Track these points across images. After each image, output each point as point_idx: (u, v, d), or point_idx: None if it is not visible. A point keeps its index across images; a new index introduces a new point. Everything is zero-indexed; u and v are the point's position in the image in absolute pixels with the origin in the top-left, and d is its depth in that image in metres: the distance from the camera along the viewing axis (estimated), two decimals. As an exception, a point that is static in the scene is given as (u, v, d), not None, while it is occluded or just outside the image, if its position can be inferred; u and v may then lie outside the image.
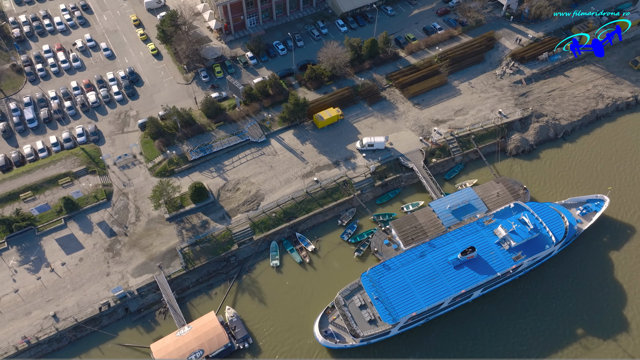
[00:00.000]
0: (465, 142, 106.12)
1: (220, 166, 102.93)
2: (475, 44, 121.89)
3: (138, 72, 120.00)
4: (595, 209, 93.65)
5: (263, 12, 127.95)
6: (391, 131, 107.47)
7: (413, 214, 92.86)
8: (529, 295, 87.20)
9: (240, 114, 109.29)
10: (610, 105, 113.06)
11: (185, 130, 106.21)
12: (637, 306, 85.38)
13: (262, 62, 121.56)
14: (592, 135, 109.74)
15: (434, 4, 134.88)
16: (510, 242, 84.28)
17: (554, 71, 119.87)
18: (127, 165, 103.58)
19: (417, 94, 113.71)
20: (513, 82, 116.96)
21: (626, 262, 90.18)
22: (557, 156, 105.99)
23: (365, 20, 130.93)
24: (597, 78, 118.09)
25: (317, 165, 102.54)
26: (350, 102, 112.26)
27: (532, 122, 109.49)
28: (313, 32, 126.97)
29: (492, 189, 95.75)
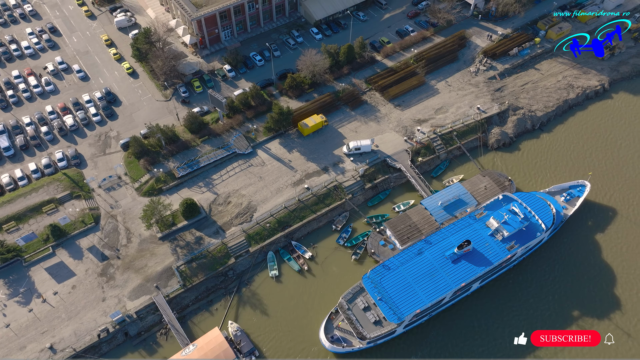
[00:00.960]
0: (448, 139, 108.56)
1: (209, 181, 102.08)
2: (448, 44, 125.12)
3: (115, 92, 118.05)
4: (578, 194, 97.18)
5: (237, 25, 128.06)
6: (376, 134, 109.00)
7: (406, 213, 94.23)
8: (524, 284, 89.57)
9: (224, 127, 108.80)
10: (580, 95, 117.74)
11: (170, 147, 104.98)
12: (624, 283, 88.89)
13: (241, 74, 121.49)
14: (566, 124, 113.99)
15: (404, 7, 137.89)
16: (503, 233, 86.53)
17: (525, 65, 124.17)
18: (112, 187, 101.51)
19: (397, 96, 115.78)
20: (488, 78, 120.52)
21: (611, 243, 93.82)
22: (536, 146, 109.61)
23: (339, 27, 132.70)
24: (565, 69, 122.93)
25: (307, 173, 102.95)
26: (332, 108, 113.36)
27: (510, 116, 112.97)
28: (289, 42, 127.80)
29: (479, 182, 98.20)
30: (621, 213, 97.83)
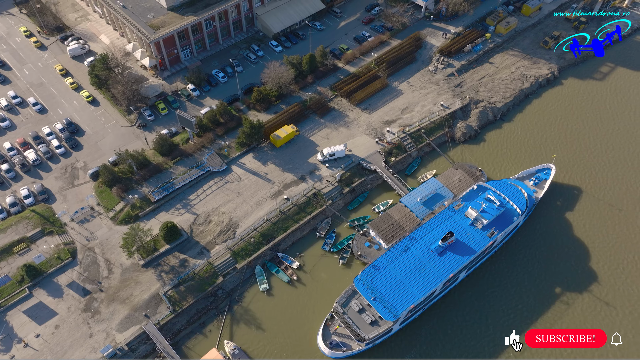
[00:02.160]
0: (417, 137, 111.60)
1: (186, 202, 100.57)
2: (405, 46, 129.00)
3: (76, 122, 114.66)
4: (545, 177, 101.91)
5: (196, 43, 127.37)
6: (347, 138, 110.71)
7: (387, 213, 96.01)
8: (506, 269, 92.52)
9: (195, 146, 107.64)
10: (534, 84, 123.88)
11: (142, 172, 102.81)
12: (597, 256, 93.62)
13: (205, 92, 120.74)
14: (525, 112, 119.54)
15: (358, 14, 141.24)
16: (482, 221, 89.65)
17: (479, 60, 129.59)
18: (86, 219, 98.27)
19: (363, 100, 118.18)
20: (446, 76, 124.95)
21: (581, 220, 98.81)
22: (500, 136, 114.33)
23: (298, 37, 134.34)
24: (517, 61, 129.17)
25: (284, 183, 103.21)
26: (302, 117, 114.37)
27: (472, 109, 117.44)
28: (250, 56, 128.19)
29: (452, 175, 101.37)
30: (586, 191, 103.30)
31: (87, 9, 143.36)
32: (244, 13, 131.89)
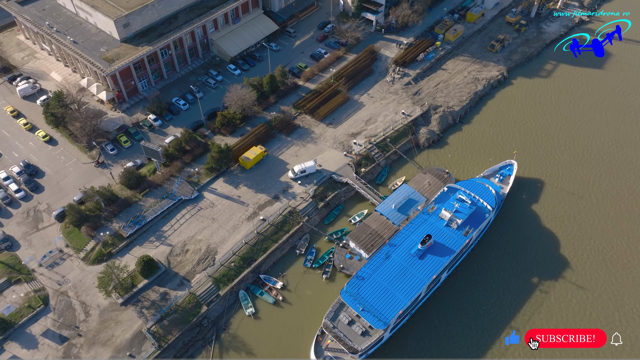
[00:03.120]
0: (384, 146, 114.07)
1: (160, 234, 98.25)
2: (361, 59, 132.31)
3: (34, 164, 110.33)
4: (508, 173, 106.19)
5: (153, 73, 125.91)
6: (316, 154, 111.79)
7: (364, 223, 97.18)
8: (484, 267, 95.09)
9: (163, 176, 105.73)
10: (486, 85, 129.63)
11: (111, 208, 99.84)
12: (566, 243, 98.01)
13: (167, 121, 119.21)
14: (481, 113, 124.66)
15: (312, 33, 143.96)
16: (457, 221, 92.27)
17: (433, 68, 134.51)
18: (55, 263, 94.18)
19: (327, 115, 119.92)
20: (404, 85, 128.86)
21: (547, 210, 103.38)
22: (461, 138, 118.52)
23: (255, 59, 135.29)
24: (468, 65, 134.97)
25: (259, 204, 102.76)
26: (268, 137, 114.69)
27: (432, 115, 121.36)
28: (209, 82, 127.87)
29: (422, 180, 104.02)
30: (547, 182, 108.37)
31: (33, 47, 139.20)
32: (199, 39, 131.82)
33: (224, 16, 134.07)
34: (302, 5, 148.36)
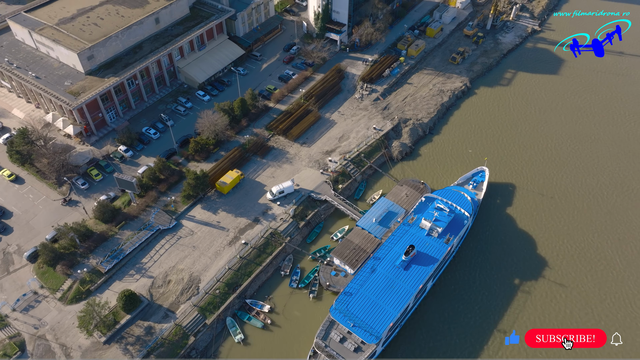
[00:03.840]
0: (359, 162, 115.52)
1: (140, 266, 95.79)
2: (329, 78, 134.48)
3: (1, 205, 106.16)
4: (481, 179, 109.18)
5: (121, 104, 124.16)
6: (293, 174, 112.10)
7: (346, 239, 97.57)
8: (468, 273, 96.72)
9: (139, 207, 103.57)
10: (452, 97, 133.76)
11: (87, 244, 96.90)
12: (542, 243, 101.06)
13: (138, 151, 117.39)
14: (449, 123, 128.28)
15: (278, 55, 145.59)
16: (437, 230, 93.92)
17: (399, 82, 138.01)
18: (30, 306, 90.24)
19: (300, 135, 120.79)
20: (372, 101, 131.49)
21: (522, 212, 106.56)
22: (433, 148, 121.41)
23: (223, 84, 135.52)
24: (433, 78, 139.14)
25: (239, 228, 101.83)
26: (244, 161, 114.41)
27: (403, 128, 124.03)
28: (179, 109, 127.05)
29: (399, 192, 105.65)
30: (519, 185, 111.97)
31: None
32: (166, 68, 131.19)
33: (189, 43, 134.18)
34: (267, 29, 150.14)
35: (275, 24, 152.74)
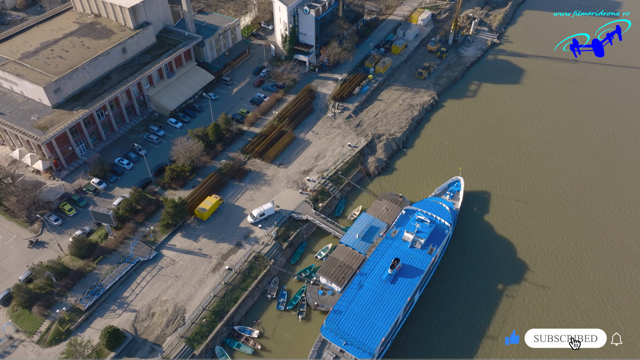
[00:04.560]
0: (336, 179, 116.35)
1: (121, 301, 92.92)
2: (300, 99, 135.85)
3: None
4: (457, 189, 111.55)
5: (91, 136, 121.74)
6: (272, 195, 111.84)
7: (331, 257, 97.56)
8: (451, 282, 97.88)
9: (117, 240, 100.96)
10: (421, 110, 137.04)
11: (64, 282, 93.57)
12: (521, 247, 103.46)
13: (112, 182, 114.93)
14: (421, 136, 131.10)
15: (248, 79, 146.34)
16: (420, 241, 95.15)
17: (369, 99, 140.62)
18: (6, 352, 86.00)
19: (276, 156, 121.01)
20: (345, 118, 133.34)
21: (499, 219, 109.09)
22: (408, 162, 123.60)
23: (195, 110, 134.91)
24: (402, 94, 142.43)
25: (222, 254, 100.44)
26: (221, 185, 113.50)
27: (377, 143, 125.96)
28: (151, 138, 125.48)
29: (379, 207, 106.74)
30: (493, 193, 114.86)
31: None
32: (135, 97, 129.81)
33: (158, 72, 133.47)
34: (235, 54, 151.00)
35: (243, 48, 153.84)
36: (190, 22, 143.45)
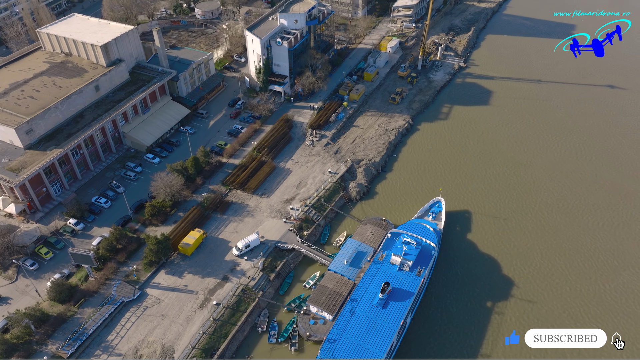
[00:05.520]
0: (319, 206, 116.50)
1: (106, 345, 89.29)
2: (278, 129, 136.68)
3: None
4: (439, 209, 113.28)
5: (66, 175, 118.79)
6: (256, 226, 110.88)
7: (320, 285, 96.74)
8: (442, 303, 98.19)
9: (98, 281, 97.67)
10: (397, 134, 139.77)
11: (43, 329, 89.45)
12: (504, 262, 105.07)
13: (90, 222, 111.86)
14: (400, 159, 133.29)
15: (224, 111, 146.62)
16: (408, 263, 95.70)
17: (346, 126, 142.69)
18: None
19: (258, 187, 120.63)
20: (324, 146, 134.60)
21: (480, 237, 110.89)
22: (388, 185, 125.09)
23: (172, 145, 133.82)
24: (377, 119, 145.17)
25: (209, 289, 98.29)
26: (204, 219, 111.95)
27: (357, 169, 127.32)
28: (128, 174, 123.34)
29: (365, 231, 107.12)
30: (473, 211, 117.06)
31: None
32: (110, 134, 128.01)
33: (132, 108, 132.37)
34: (209, 87, 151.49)
35: (217, 81, 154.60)
36: (164, 58, 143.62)
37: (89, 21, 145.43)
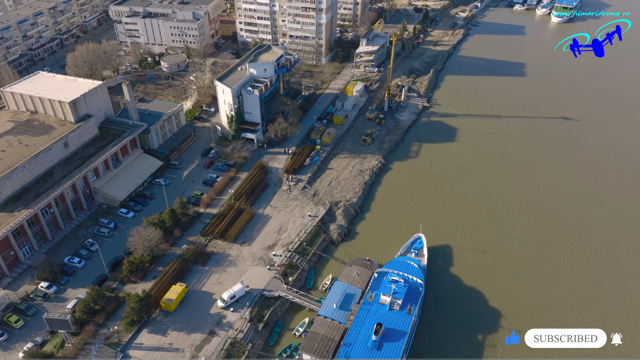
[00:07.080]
0: (302, 250, 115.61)
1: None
2: (254, 175, 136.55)
3: None
4: (420, 245, 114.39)
5: (35, 237, 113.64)
6: (240, 276, 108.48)
7: (311, 331, 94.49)
8: (434, 339, 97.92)
9: (76, 347, 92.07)
10: (372, 175, 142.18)
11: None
12: (489, 293, 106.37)
13: (63, 284, 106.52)
14: (377, 199, 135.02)
15: (197, 161, 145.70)
16: (397, 302, 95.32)
17: (321, 169, 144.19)
18: None
19: (238, 235, 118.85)
20: (301, 190, 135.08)
21: (463, 270, 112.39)
22: (368, 225, 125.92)
23: (146, 198, 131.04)
24: (350, 161, 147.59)
25: (195, 346, 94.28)
26: (185, 272, 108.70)
27: (335, 211, 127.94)
28: (102, 231, 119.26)
29: (350, 273, 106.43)
30: (454, 245, 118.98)
31: None
32: (82, 190, 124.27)
33: (103, 163, 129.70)
34: (181, 138, 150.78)
35: (188, 132, 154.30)
36: (134, 111, 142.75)
37: (55, 78, 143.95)
